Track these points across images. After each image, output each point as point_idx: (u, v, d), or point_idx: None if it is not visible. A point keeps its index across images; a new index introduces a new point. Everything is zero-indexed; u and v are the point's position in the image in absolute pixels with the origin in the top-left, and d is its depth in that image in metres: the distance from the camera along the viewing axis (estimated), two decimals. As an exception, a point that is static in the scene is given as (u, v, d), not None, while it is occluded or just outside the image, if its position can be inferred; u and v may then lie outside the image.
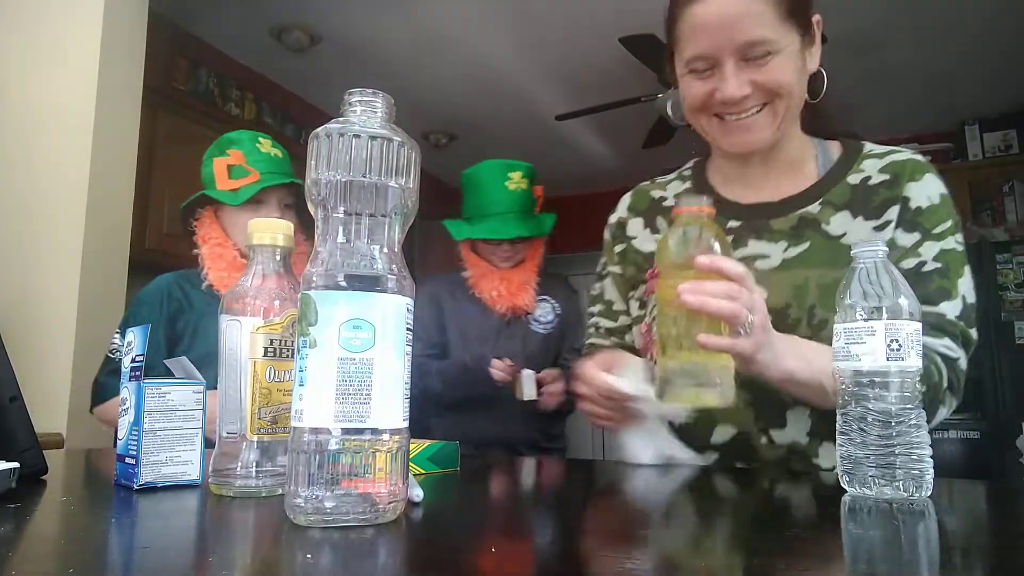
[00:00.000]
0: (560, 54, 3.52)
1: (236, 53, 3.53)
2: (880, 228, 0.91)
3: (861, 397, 0.65)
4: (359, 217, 0.54)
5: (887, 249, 0.67)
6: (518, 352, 1.94)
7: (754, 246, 0.96)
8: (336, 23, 3.27)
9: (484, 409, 1.91)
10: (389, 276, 0.53)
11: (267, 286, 0.69)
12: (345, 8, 3.15)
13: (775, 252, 0.94)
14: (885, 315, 0.64)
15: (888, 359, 0.64)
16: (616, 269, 1.10)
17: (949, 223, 0.90)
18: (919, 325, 0.65)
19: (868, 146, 0.98)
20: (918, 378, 0.65)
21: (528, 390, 1.83)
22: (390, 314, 0.53)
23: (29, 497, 0.62)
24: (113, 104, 2.20)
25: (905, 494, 0.62)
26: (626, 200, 1.13)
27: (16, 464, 0.62)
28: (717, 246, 0.78)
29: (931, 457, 0.64)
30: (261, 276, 0.69)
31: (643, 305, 1.04)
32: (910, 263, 0.89)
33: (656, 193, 1.10)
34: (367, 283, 0.52)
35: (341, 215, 0.54)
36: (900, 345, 0.64)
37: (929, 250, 0.89)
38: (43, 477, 0.71)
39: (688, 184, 1.08)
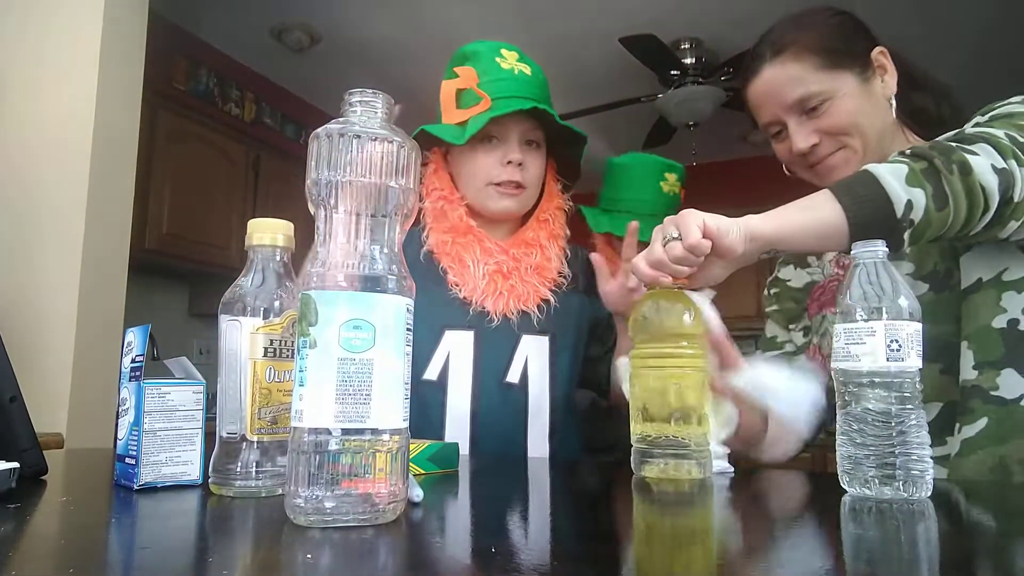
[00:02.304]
0: (560, 54, 3.52)
1: (236, 53, 3.53)
2: None
3: (861, 397, 0.66)
4: (359, 217, 0.54)
5: (887, 250, 0.67)
6: None
7: None
8: (336, 23, 3.27)
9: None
10: (389, 276, 0.53)
11: (267, 286, 0.69)
12: (345, 8, 3.15)
13: None
14: (885, 315, 0.64)
15: (888, 359, 0.64)
16: (774, 307, 1.17)
17: None
18: (919, 325, 0.65)
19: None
20: (918, 377, 0.65)
21: None
22: (390, 314, 0.53)
23: (29, 497, 0.62)
24: (113, 104, 2.20)
25: (905, 494, 0.62)
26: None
27: (16, 464, 0.62)
28: (687, 317, 0.79)
29: (931, 457, 0.64)
30: (261, 276, 0.69)
31: (807, 332, 1.09)
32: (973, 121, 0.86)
33: None
34: (367, 283, 0.52)
35: (341, 215, 0.54)
36: (900, 345, 0.64)
37: (1007, 106, 0.86)
38: (43, 477, 0.71)
39: None
